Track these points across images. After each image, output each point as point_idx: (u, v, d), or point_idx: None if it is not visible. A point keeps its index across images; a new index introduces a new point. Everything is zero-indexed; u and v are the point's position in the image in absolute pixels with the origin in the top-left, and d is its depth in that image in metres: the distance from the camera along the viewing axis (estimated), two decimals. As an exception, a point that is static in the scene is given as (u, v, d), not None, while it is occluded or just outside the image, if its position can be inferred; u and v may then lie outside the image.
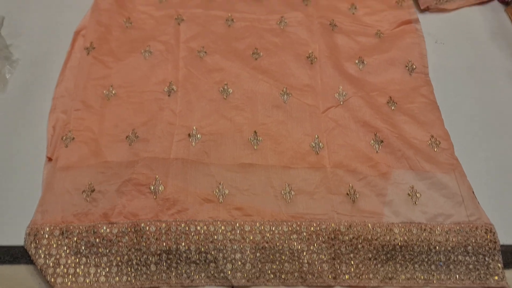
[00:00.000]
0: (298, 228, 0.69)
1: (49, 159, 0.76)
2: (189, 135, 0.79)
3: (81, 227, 0.68)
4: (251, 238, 0.68)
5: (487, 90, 0.91)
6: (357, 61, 0.92)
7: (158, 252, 0.66)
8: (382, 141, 0.80)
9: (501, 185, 0.78)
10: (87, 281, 0.65)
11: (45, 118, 0.81)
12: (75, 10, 0.96)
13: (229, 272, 0.66)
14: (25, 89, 0.86)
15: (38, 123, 0.81)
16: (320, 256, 0.68)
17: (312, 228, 0.69)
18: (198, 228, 0.69)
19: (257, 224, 0.69)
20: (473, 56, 0.97)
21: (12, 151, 0.78)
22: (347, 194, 0.73)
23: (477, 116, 0.87)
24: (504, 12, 1.06)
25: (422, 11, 1.05)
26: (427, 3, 1.03)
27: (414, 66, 0.91)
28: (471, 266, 0.68)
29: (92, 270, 0.66)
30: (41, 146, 0.78)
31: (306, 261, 0.67)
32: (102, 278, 0.66)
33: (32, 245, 0.66)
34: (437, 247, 0.69)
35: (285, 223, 0.70)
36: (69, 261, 0.66)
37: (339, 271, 0.67)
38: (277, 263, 0.67)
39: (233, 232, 0.69)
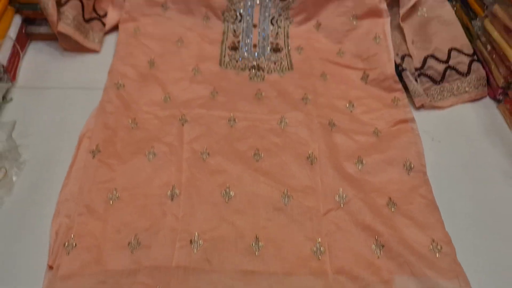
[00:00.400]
0: None
1: (50, 267, 0.75)
2: (190, 241, 0.79)
3: None
4: None
5: (483, 188, 0.93)
6: (356, 161, 0.94)
7: None
8: (383, 246, 0.80)
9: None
10: None
11: (48, 222, 0.81)
12: (83, 112, 1.00)
13: None
14: (31, 191, 0.87)
15: (41, 228, 0.81)
16: None
17: None
18: None
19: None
20: (468, 154, 1.00)
21: (14, 258, 0.77)
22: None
23: (473, 215, 0.88)
24: (496, 109, 1.10)
25: (418, 108, 1.09)
26: (421, 102, 1.08)
27: (412, 165, 0.93)
28: None
29: None
30: (43, 253, 0.77)
31: None
32: None
33: None
34: None
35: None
36: None
37: None
38: None
39: None
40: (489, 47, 1.11)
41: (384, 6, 1.19)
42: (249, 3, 1.23)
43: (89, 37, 1.16)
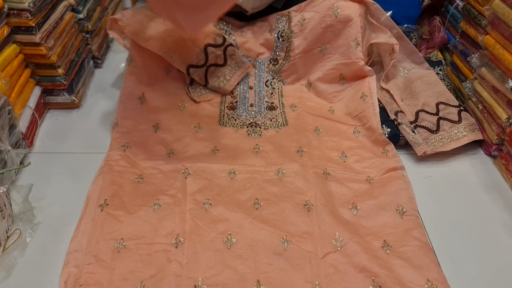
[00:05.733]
0: None
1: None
2: (195, 286, 0.82)
3: None
4: None
5: (485, 240, 0.95)
6: (350, 207, 0.99)
7: None
8: (380, 286, 0.82)
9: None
10: None
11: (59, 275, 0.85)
12: (94, 175, 1.06)
13: None
14: (43, 252, 0.90)
15: (52, 281, 0.84)
16: None
17: None
18: None
19: None
20: (468, 207, 1.03)
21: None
22: None
23: (476, 267, 0.90)
24: (493, 165, 1.15)
25: (421, 158, 1.14)
26: (423, 150, 1.13)
27: (404, 210, 0.98)
28: None
29: None
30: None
31: None
32: None
33: None
34: None
35: None
36: None
37: None
38: None
39: None
40: (480, 106, 1.18)
41: (368, 67, 1.30)
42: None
43: None
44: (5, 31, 1.05)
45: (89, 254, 0.87)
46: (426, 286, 0.83)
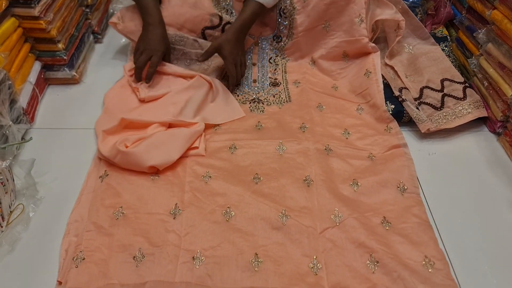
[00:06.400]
0: None
1: (59, 283, 0.80)
2: (193, 258, 0.82)
3: None
4: None
5: (488, 216, 0.95)
6: (351, 183, 0.98)
7: None
8: (378, 262, 0.83)
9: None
10: None
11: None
12: (94, 151, 1.06)
13: None
14: (46, 226, 0.91)
15: (54, 256, 0.85)
16: None
17: None
18: None
19: None
20: (471, 184, 1.02)
21: (29, 280, 0.82)
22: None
23: (478, 242, 0.90)
24: (497, 142, 1.13)
25: (424, 135, 1.13)
26: (426, 127, 1.11)
27: (405, 187, 0.97)
28: None
29: None
30: (55, 273, 0.82)
31: None
32: None
33: None
34: None
35: None
36: None
37: None
38: None
39: None
40: (485, 83, 1.16)
41: (371, 44, 1.27)
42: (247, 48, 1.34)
43: None
44: (3, 4, 1.04)
45: (89, 222, 0.88)
46: (424, 262, 0.83)
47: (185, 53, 1.25)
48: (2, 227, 0.87)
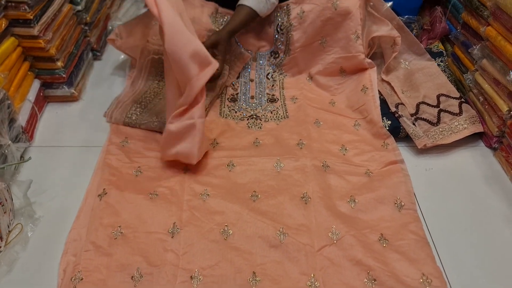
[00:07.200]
0: None
1: (58, 304, 0.80)
2: (191, 277, 0.83)
3: None
4: None
5: (484, 231, 0.95)
6: (348, 200, 0.99)
7: None
8: (375, 280, 0.83)
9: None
10: None
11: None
12: (93, 169, 1.07)
13: None
14: (45, 246, 0.91)
15: (54, 275, 0.85)
16: None
17: None
18: None
19: None
20: (468, 199, 1.03)
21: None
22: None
23: (475, 257, 0.90)
24: (493, 157, 1.14)
25: (421, 151, 1.13)
26: (423, 143, 1.12)
27: (402, 203, 0.98)
28: None
29: None
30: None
31: None
32: None
33: None
34: None
35: None
36: None
37: None
38: None
39: None
40: (481, 98, 1.17)
41: (368, 60, 1.28)
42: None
43: None
44: (3, 24, 1.05)
45: (87, 241, 0.88)
46: (421, 280, 0.83)
47: None
48: (0, 247, 0.87)
